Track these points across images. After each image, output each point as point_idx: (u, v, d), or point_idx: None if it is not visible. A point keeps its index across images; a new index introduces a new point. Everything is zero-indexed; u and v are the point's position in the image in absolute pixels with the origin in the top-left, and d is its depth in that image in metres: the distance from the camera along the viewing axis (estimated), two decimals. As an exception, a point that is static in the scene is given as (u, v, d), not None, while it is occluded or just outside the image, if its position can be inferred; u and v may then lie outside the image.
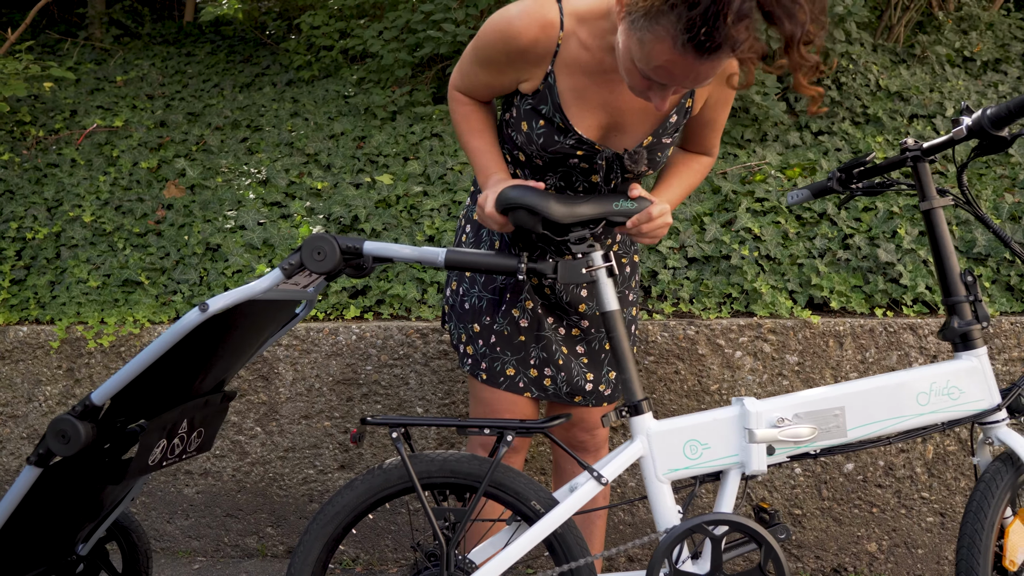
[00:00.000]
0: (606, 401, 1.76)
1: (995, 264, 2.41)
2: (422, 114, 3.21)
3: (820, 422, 1.44)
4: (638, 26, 1.23)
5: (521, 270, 1.41)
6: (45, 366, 2.51)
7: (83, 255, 2.76)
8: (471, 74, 1.54)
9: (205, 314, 1.33)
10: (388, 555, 2.45)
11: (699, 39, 1.16)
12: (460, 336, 1.72)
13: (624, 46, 1.29)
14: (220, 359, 1.58)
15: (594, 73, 1.46)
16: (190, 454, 1.66)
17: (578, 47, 1.44)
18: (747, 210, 2.61)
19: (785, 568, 1.36)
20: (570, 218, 1.42)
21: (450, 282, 1.75)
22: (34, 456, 1.40)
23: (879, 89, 3.14)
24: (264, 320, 1.58)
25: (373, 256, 1.40)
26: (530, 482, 1.45)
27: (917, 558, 2.30)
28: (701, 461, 1.44)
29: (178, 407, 1.54)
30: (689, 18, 1.14)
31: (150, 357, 1.34)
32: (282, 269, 1.37)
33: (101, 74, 3.89)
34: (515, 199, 1.41)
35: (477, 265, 1.42)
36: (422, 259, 1.41)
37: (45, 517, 1.55)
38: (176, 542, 2.51)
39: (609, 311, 1.44)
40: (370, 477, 1.46)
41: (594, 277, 1.44)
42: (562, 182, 1.58)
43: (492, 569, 1.39)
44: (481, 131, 1.58)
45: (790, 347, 2.28)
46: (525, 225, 1.42)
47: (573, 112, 1.48)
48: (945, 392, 1.47)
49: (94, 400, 1.37)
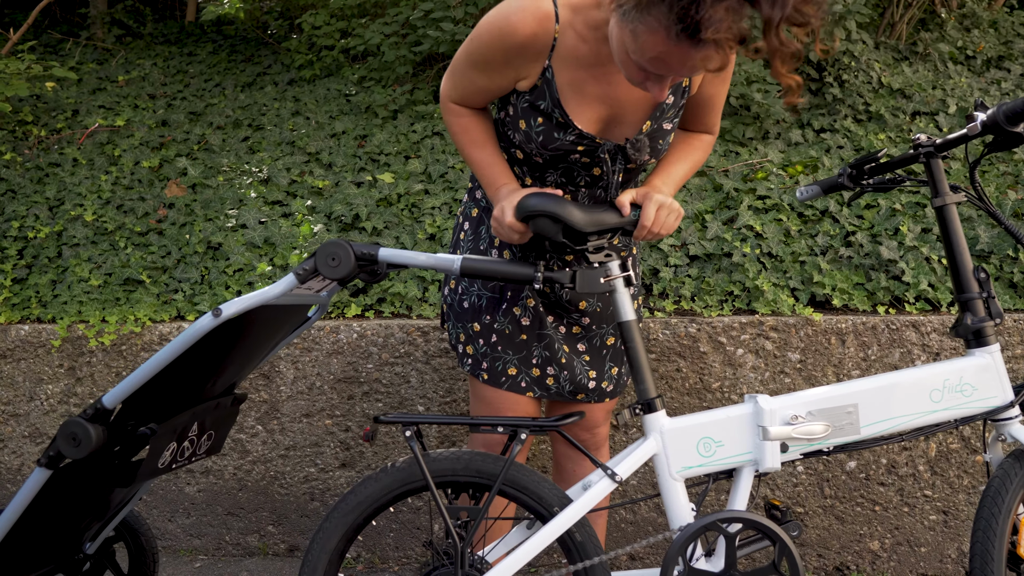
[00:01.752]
0: (608, 397, 1.75)
1: (998, 261, 2.40)
2: (423, 113, 3.21)
3: (833, 419, 1.43)
4: (629, 18, 1.22)
5: (538, 279, 1.40)
6: (47, 365, 2.51)
7: (84, 254, 2.76)
8: (466, 81, 1.50)
9: (218, 319, 1.33)
10: (390, 553, 2.45)
11: (692, 28, 1.14)
12: (459, 335, 1.70)
13: (617, 39, 1.28)
14: (232, 362, 1.58)
15: (592, 65, 1.45)
16: (199, 456, 1.66)
17: (575, 39, 1.43)
18: (749, 208, 2.60)
19: (799, 565, 1.36)
20: (593, 226, 1.41)
21: (448, 281, 1.73)
22: (44, 458, 1.41)
23: (881, 86, 3.13)
24: (277, 324, 1.58)
25: (388, 263, 1.40)
26: (544, 480, 1.45)
27: (920, 556, 2.29)
28: (715, 459, 1.43)
29: (189, 410, 1.54)
30: (681, 7, 1.13)
31: (162, 361, 1.34)
32: (296, 275, 1.36)
33: (103, 74, 3.89)
34: (536, 207, 1.40)
35: (493, 273, 1.41)
36: (437, 266, 1.41)
37: (53, 517, 1.55)
38: (177, 540, 2.51)
39: (626, 321, 1.44)
40: (393, 471, 1.46)
41: (612, 287, 1.44)
42: (563, 178, 1.57)
43: (506, 568, 1.38)
44: (483, 142, 1.55)
45: (792, 345, 2.27)
46: (546, 233, 1.40)
47: (572, 106, 1.47)
48: (958, 389, 1.46)
49: (105, 403, 1.37)
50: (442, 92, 1.57)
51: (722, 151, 2.89)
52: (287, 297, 1.43)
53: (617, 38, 1.28)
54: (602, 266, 1.44)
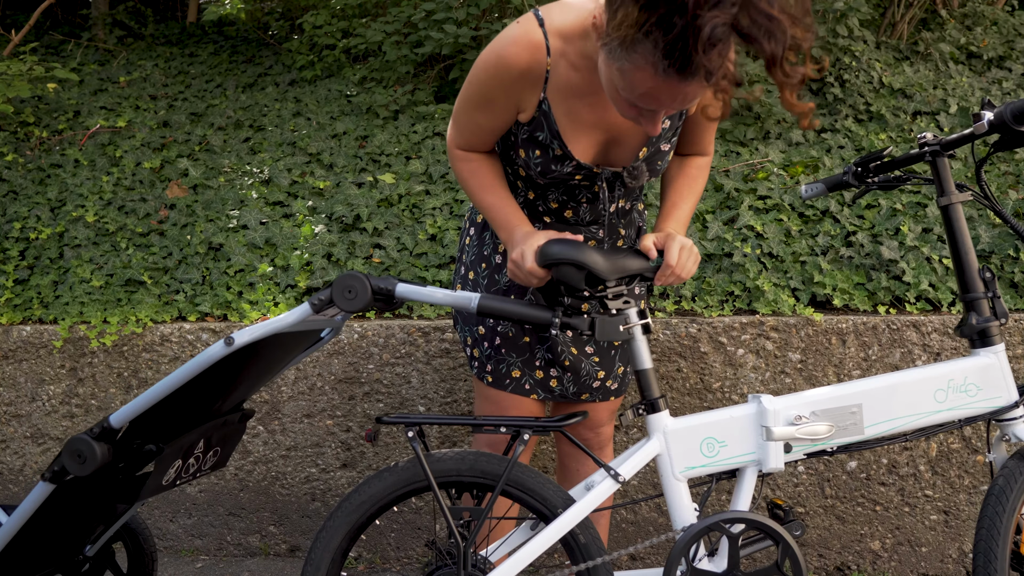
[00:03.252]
0: (613, 396, 1.75)
1: (999, 261, 2.40)
2: (424, 113, 3.21)
3: (837, 419, 1.43)
4: (616, 56, 1.20)
5: (556, 325, 1.41)
6: (48, 366, 2.51)
7: (86, 255, 2.77)
8: (470, 123, 1.51)
9: (230, 348, 1.33)
10: (391, 553, 2.45)
11: (679, 64, 1.12)
12: (467, 339, 1.72)
13: (606, 76, 1.27)
14: (243, 383, 1.58)
15: (586, 94, 1.44)
16: (204, 472, 1.67)
17: (567, 68, 1.42)
18: (749, 208, 2.60)
19: (802, 565, 1.36)
20: (616, 273, 1.42)
21: (454, 285, 1.75)
22: (48, 472, 1.42)
23: (882, 86, 3.13)
24: (289, 345, 1.58)
25: (404, 298, 1.41)
26: (547, 481, 1.45)
27: (921, 556, 2.29)
28: (718, 459, 1.43)
29: (196, 429, 1.54)
30: (666, 42, 1.11)
31: (172, 385, 1.35)
32: (312, 304, 1.37)
33: (104, 75, 3.90)
34: (560, 255, 1.40)
35: (510, 315, 1.42)
36: (455, 304, 1.41)
37: (56, 527, 1.56)
38: (179, 541, 2.52)
39: (643, 370, 1.44)
40: (397, 471, 1.46)
41: (631, 335, 1.45)
42: (565, 195, 1.58)
43: (509, 568, 1.39)
44: (492, 186, 1.55)
45: (792, 345, 2.27)
46: (569, 281, 1.41)
47: (569, 135, 1.47)
48: (963, 389, 1.46)
49: (112, 423, 1.38)
50: (448, 141, 1.57)
51: (723, 151, 2.89)
52: (301, 324, 1.43)
53: (606, 75, 1.27)
54: (621, 313, 1.44)
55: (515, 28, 1.41)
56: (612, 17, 1.18)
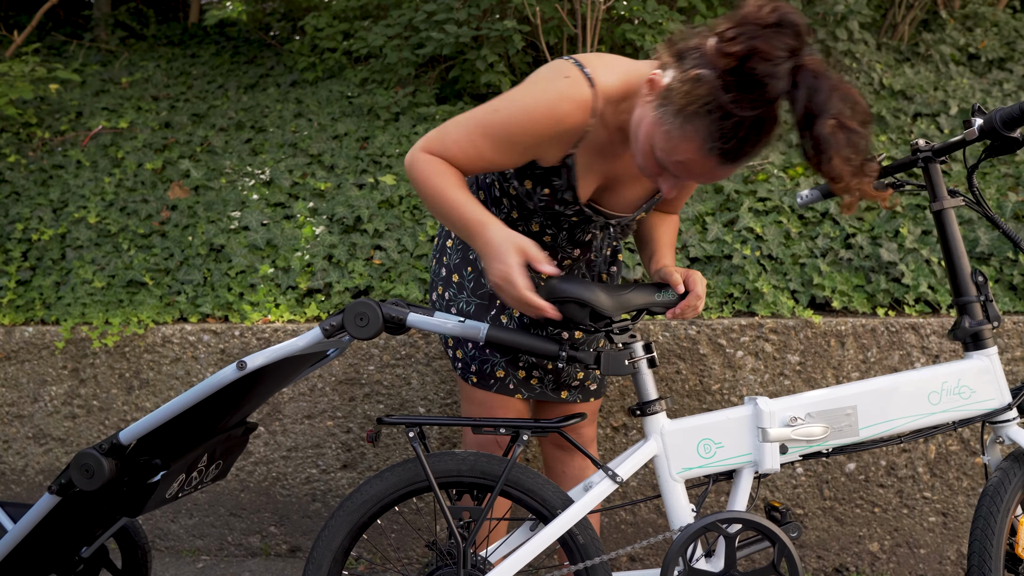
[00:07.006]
0: (592, 397, 1.77)
1: (998, 263, 2.40)
2: (425, 114, 3.22)
3: (832, 421, 1.45)
4: (667, 120, 1.21)
5: (562, 358, 1.43)
6: (50, 366, 2.52)
7: (88, 256, 2.78)
8: (473, 150, 1.38)
9: (242, 372, 1.36)
10: (391, 554, 2.46)
11: (728, 149, 1.16)
12: (448, 340, 1.72)
13: (646, 133, 1.27)
14: (250, 401, 1.61)
15: (604, 148, 1.45)
16: (206, 484, 1.69)
17: (600, 128, 1.41)
18: (749, 210, 2.61)
19: (798, 566, 1.37)
20: (620, 310, 1.44)
21: (435, 287, 1.72)
22: (55, 485, 1.45)
23: (883, 88, 3.13)
24: (297, 363, 1.60)
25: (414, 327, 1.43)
26: (546, 481, 1.46)
27: (919, 558, 2.30)
28: (715, 460, 1.45)
29: (202, 445, 1.57)
30: (723, 127, 1.15)
31: (182, 405, 1.38)
32: (323, 330, 1.39)
33: (106, 76, 3.91)
34: (566, 293, 1.41)
35: (518, 345, 1.43)
36: (464, 334, 1.43)
37: (57, 535, 1.58)
38: (180, 541, 2.53)
39: (649, 401, 1.46)
40: (398, 471, 1.48)
41: (636, 368, 1.46)
42: (550, 222, 1.58)
43: (507, 568, 1.40)
44: (461, 186, 1.40)
45: (792, 347, 2.28)
46: (575, 318, 1.42)
47: (579, 185, 1.48)
48: (956, 391, 1.47)
49: (121, 439, 1.41)
50: (421, 147, 1.41)
51: (723, 153, 2.89)
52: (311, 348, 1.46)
53: (646, 132, 1.27)
54: (627, 347, 1.46)
55: (564, 83, 1.34)
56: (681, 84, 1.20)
